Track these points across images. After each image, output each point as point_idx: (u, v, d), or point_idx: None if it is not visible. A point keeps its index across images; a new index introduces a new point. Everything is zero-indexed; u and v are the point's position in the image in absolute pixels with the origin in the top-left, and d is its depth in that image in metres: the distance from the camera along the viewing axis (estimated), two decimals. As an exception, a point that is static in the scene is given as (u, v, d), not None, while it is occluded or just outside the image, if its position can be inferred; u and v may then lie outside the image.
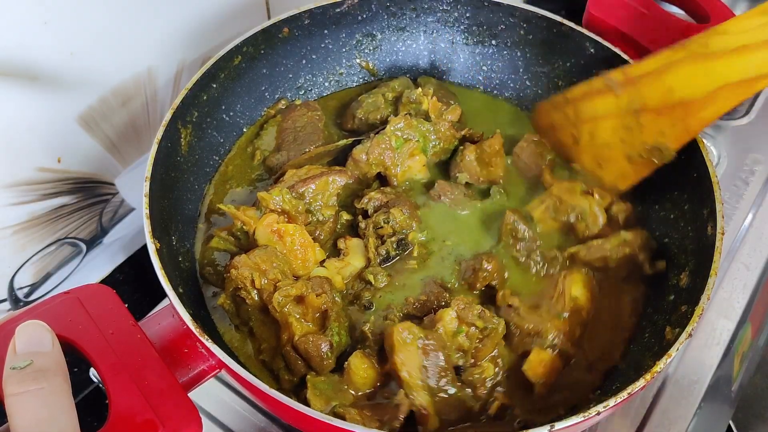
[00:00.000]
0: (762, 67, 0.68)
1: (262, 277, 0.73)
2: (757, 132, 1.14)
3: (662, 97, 0.76)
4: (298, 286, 0.72)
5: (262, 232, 0.77)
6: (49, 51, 0.75)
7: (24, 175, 0.81)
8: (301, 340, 0.71)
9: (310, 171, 0.84)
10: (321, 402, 0.67)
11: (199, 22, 0.92)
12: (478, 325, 0.72)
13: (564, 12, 0.94)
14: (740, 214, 1.02)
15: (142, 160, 0.95)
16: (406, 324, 0.70)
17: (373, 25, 0.98)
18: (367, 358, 0.71)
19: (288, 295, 0.72)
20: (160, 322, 0.64)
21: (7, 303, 0.89)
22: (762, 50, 0.68)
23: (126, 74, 0.86)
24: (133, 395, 0.54)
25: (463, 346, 0.71)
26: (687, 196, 0.80)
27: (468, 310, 0.72)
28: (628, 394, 0.60)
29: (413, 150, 0.88)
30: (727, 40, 0.70)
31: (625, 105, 0.80)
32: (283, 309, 0.72)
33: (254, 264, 0.73)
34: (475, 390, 0.71)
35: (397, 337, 0.69)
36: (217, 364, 0.63)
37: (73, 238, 0.92)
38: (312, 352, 0.70)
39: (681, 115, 0.75)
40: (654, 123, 0.78)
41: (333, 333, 0.71)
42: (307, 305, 0.73)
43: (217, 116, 0.90)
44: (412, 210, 0.83)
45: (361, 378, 0.70)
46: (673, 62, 0.75)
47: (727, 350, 0.89)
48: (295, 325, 0.72)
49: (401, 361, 0.68)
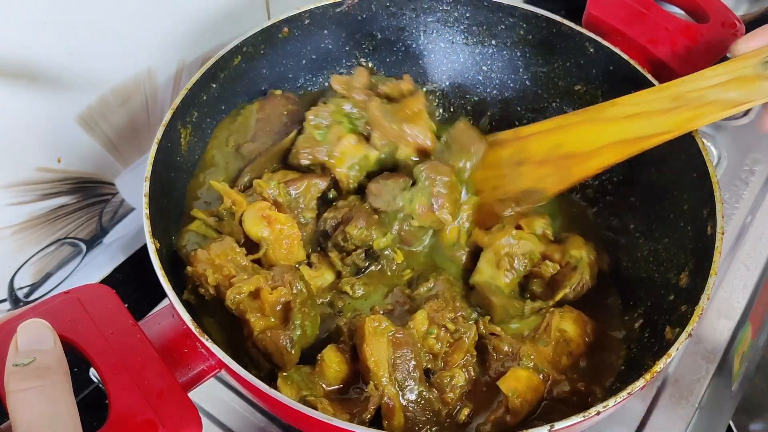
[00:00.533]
0: (649, 129, 0.74)
1: (215, 273, 0.71)
2: (757, 132, 1.13)
3: (548, 152, 0.81)
4: (252, 281, 0.70)
5: (251, 214, 0.76)
6: (48, 51, 0.75)
7: (23, 175, 0.81)
8: (259, 337, 0.70)
9: (287, 175, 0.84)
10: (292, 391, 0.67)
11: (199, 22, 0.92)
12: (449, 327, 0.72)
13: (564, 12, 0.94)
14: (740, 214, 1.02)
15: (142, 160, 0.95)
16: (378, 317, 0.70)
17: (373, 25, 0.98)
18: (341, 352, 0.71)
19: (242, 292, 0.70)
20: (160, 322, 0.64)
21: (7, 303, 0.88)
22: (652, 117, 0.74)
23: (126, 74, 0.86)
24: (133, 395, 0.54)
25: (433, 348, 0.71)
26: (687, 196, 0.80)
27: (442, 312, 0.72)
28: (628, 393, 0.60)
29: (340, 134, 0.86)
30: (623, 110, 0.77)
31: (507, 156, 0.84)
32: (238, 306, 0.71)
33: (209, 259, 0.72)
34: (443, 394, 0.70)
35: (369, 327, 0.69)
36: (217, 364, 0.63)
37: (73, 238, 0.92)
38: (271, 348, 0.69)
39: (564, 165, 0.80)
40: (533, 171, 0.82)
41: (296, 326, 0.70)
42: (263, 300, 0.71)
43: (217, 116, 0.90)
44: (368, 220, 0.81)
45: (333, 372, 0.70)
46: (566, 125, 0.81)
47: (727, 350, 0.89)
48: (252, 321, 0.70)
49: (370, 351, 0.68)
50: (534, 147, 0.82)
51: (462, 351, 0.73)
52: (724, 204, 0.74)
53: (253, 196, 0.80)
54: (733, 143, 1.11)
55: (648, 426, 0.82)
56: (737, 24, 0.87)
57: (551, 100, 0.98)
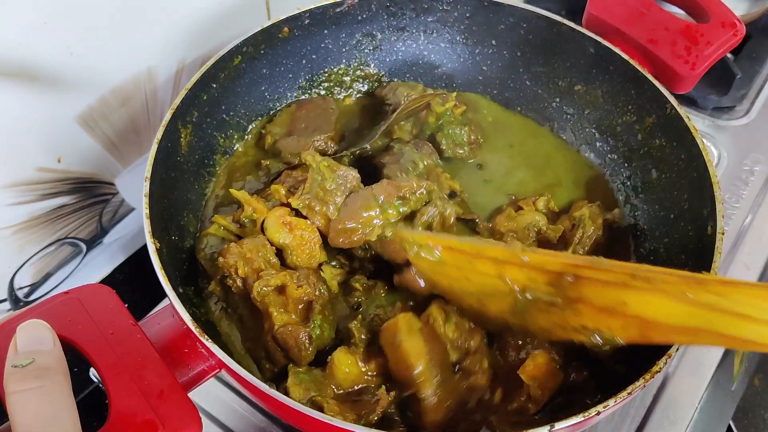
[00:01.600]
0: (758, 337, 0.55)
1: (246, 266, 0.73)
2: (757, 132, 1.14)
3: (609, 304, 0.61)
4: (280, 276, 0.72)
5: (272, 221, 0.78)
6: (49, 51, 0.75)
7: (24, 175, 0.81)
8: (280, 330, 0.71)
9: (304, 173, 0.85)
10: (301, 391, 0.67)
11: (199, 22, 0.92)
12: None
13: (564, 12, 0.95)
14: (740, 214, 1.02)
15: (142, 160, 0.95)
16: (408, 314, 0.70)
17: (373, 25, 0.98)
18: (351, 354, 0.70)
19: (269, 285, 0.72)
20: (160, 322, 0.64)
21: (7, 303, 0.88)
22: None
23: (126, 74, 0.86)
24: (133, 395, 0.54)
25: (453, 337, 0.71)
26: (687, 196, 0.80)
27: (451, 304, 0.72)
28: (628, 394, 0.60)
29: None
30: (732, 306, 0.55)
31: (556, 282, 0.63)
32: (264, 299, 0.72)
33: (241, 252, 0.74)
34: (476, 377, 0.71)
35: (403, 325, 0.68)
36: (217, 364, 0.63)
37: (73, 238, 0.92)
38: (290, 343, 0.70)
39: (636, 324, 0.60)
40: (595, 316, 0.62)
41: (315, 325, 0.71)
42: (288, 296, 0.72)
43: (217, 116, 0.90)
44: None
45: (343, 373, 0.70)
46: (639, 288, 0.59)
47: (727, 350, 0.89)
48: (275, 315, 0.72)
49: (412, 348, 0.67)
50: (589, 293, 0.62)
51: (481, 333, 0.73)
52: (724, 204, 0.74)
53: (272, 202, 0.81)
54: (733, 143, 1.11)
55: (648, 426, 0.82)
56: (737, 24, 0.87)
57: (551, 100, 0.98)
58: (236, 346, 0.76)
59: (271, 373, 0.72)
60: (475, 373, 0.71)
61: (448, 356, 0.70)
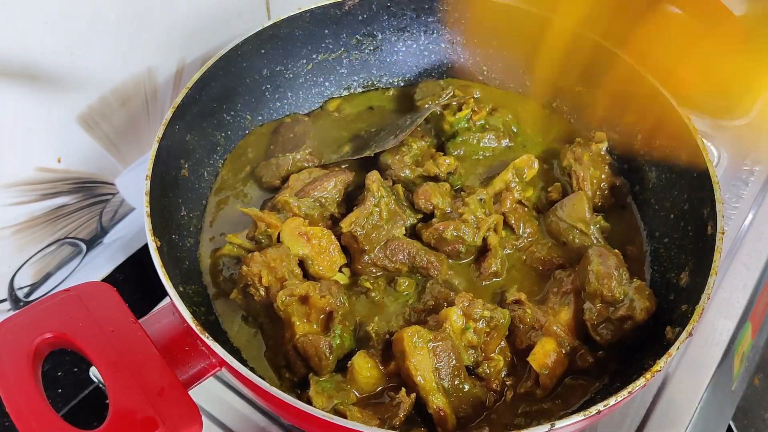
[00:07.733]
0: None
1: (269, 275, 0.73)
2: (757, 132, 1.14)
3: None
4: (303, 287, 0.72)
5: (288, 233, 0.78)
6: (49, 51, 0.75)
7: (24, 175, 0.81)
8: (301, 339, 0.71)
9: (312, 173, 0.85)
10: (323, 400, 0.67)
11: (199, 22, 0.92)
12: (485, 315, 0.72)
13: (564, 12, 0.94)
14: (740, 214, 1.02)
15: (143, 160, 0.95)
16: (415, 328, 0.69)
17: (373, 25, 0.99)
18: (370, 357, 0.71)
19: (292, 294, 0.72)
20: (161, 320, 0.64)
21: (7, 303, 0.88)
22: None
23: (126, 74, 0.86)
24: (134, 393, 0.54)
25: (472, 342, 0.71)
26: (687, 196, 0.80)
27: (473, 306, 0.72)
28: (629, 393, 0.60)
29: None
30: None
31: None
32: (286, 308, 0.72)
33: (265, 262, 0.74)
34: (489, 383, 0.71)
35: (408, 342, 0.68)
36: (217, 362, 0.63)
37: (73, 238, 0.92)
38: (310, 352, 0.70)
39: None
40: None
41: (335, 335, 0.72)
42: (311, 306, 0.73)
43: (217, 116, 0.90)
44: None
45: (364, 378, 0.70)
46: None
47: (727, 350, 0.89)
48: (297, 325, 0.72)
49: (414, 366, 0.67)
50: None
51: (500, 336, 0.73)
52: (724, 204, 0.74)
53: (283, 213, 0.81)
54: (733, 143, 1.11)
55: (648, 426, 0.82)
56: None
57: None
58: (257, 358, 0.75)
59: (290, 382, 0.72)
60: (489, 379, 0.71)
61: (462, 362, 0.70)
